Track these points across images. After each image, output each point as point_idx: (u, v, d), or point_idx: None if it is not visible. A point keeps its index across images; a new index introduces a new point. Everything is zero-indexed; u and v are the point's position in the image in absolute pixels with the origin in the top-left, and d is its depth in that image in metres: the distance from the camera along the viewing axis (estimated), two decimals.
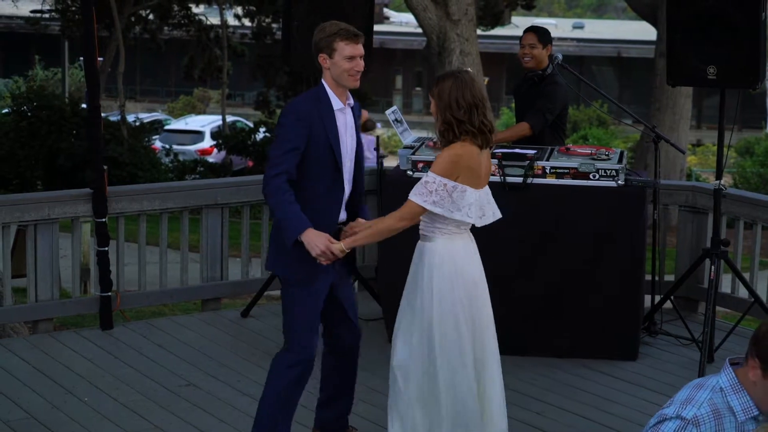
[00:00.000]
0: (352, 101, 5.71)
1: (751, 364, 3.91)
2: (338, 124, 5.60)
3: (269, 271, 8.17)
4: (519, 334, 7.61)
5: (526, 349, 7.64)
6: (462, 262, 5.34)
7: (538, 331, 7.62)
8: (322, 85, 5.63)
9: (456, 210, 5.23)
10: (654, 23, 20.79)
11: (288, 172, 5.47)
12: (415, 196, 5.23)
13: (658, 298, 8.17)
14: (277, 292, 9.06)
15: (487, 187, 5.43)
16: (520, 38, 8.35)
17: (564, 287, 7.52)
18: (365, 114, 14.92)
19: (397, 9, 57.21)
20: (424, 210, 5.23)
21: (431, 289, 5.31)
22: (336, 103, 5.61)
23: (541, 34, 8.25)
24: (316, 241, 5.38)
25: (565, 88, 8.25)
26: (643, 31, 31.68)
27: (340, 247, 5.41)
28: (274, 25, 28.69)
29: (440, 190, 5.19)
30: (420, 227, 5.38)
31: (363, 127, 15.26)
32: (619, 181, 7.44)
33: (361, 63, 5.61)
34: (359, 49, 5.59)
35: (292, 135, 5.51)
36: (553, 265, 7.51)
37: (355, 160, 5.71)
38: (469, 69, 5.34)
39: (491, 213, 5.46)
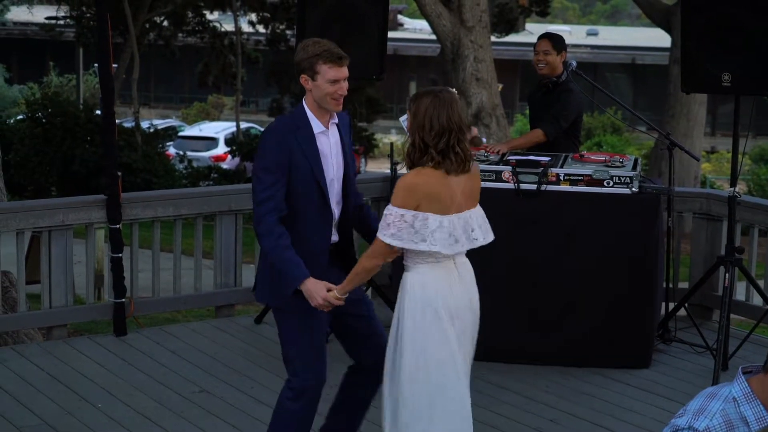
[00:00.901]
0: (336, 119, 5.47)
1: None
2: (321, 147, 5.37)
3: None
4: (533, 342, 7.60)
5: (539, 357, 7.63)
6: (436, 293, 5.04)
7: (552, 339, 7.60)
8: (302, 107, 5.41)
9: (421, 240, 4.96)
10: (668, 30, 20.76)
11: (278, 209, 5.32)
12: (379, 231, 5.03)
13: (672, 306, 8.15)
14: None
15: (470, 211, 5.11)
16: (534, 45, 8.35)
17: (578, 294, 7.51)
18: (474, 130, 15.08)
19: (411, 16, 57.27)
20: (388, 245, 5.01)
21: (404, 322, 5.10)
22: (317, 126, 5.38)
23: (556, 41, 8.25)
24: (315, 291, 5.21)
25: (580, 95, 8.23)
26: (658, 37, 31.64)
27: (334, 295, 5.22)
28: (288, 32, 28.73)
29: (397, 222, 4.95)
30: (403, 257, 5.17)
31: (471, 143, 15.45)
32: (633, 189, 7.43)
33: (345, 86, 5.37)
34: (343, 71, 5.37)
35: (274, 166, 5.32)
36: (567, 272, 7.50)
37: (345, 176, 5.47)
38: (452, 89, 5.16)
39: (467, 239, 5.08)
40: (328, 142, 5.43)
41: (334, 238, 5.50)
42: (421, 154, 4.99)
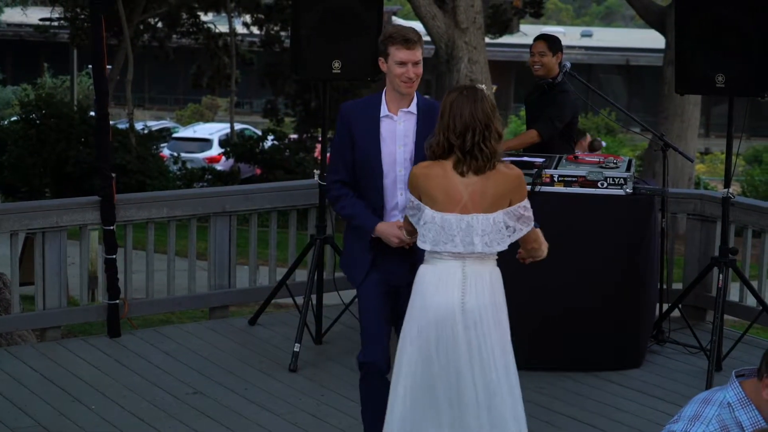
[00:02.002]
0: (413, 108, 5.58)
1: (766, 383, 3.89)
2: (382, 131, 5.55)
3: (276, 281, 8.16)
4: (526, 344, 7.59)
5: (533, 359, 7.62)
6: (432, 291, 5.03)
7: (545, 341, 7.59)
8: (383, 90, 5.65)
9: (420, 226, 5.06)
10: (662, 31, 20.77)
11: (343, 180, 5.65)
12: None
13: (666, 307, 8.16)
14: (284, 300, 9.09)
15: (477, 216, 4.98)
16: (530, 46, 8.36)
17: (572, 295, 7.51)
18: (588, 136, 15.14)
19: (406, 17, 57.25)
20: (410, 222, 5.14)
21: (407, 312, 5.15)
22: (384, 110, 5.57)
23: (551, 42, 8.26)
24: (388, 233, 5.49)
25: (575, 96, 8.24)
26: (652, 39, 31.65)
27: (402, 233, 5.42)
28: (283, 33, 28.71)
29: (411, 205, 5.09)
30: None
31: (590, 147, 15.51)
32: (628, 190, 7.43)
33: (413, 70, 5.50)
34: (412, 55, 5.50)
35: (338, 138, 5.68)
36: (561, 273, 7.49)
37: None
38: (482, 85, 5.11)
39: (462, 242, 4.97)
40: (394, 128, 5.57)
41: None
42: (443, 152, 4.99)
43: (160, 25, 29.50)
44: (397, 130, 5.58)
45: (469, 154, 4.93)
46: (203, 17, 30.25)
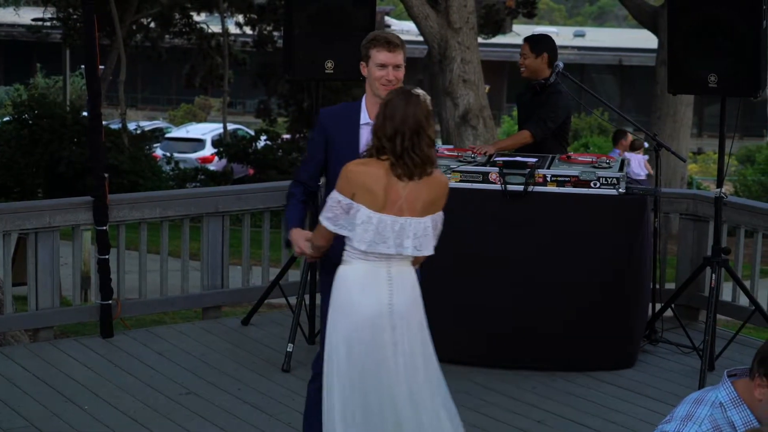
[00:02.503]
0: None
1: (758, 383, 3.89)
2: (362, 139, 5.45)
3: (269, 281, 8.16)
4: (518, 343, 7.60)
5: (526, 359, 7.63)
6: (358, 292, 5.03)
7: (538, 340, 7.60)
8: (363, 96, 5.57)
9: (352, 229, 4.98)
10: (655, 31, 20.78)
11: (304, 183, 5.63)
12: (321, 213, 5.08)
13: (658, 306, 8.17)
14: (277, 300, 9.08)
15: (411, 219, 4.97)
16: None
17: (565, 295, 7.51)
18: (629, 136, 15.16)
19: (399, 17, 57.23)
20: (327, 228, 5.03)
21: (330, 314, 5.15)
22: (364, 117, 5.50)
23: (533, 43, 8.15)
24: (296, 241, 5.37)
25: (568, 96, 8.22)
26: (644, 39, 31.67)
27: (308, 245, 5.29)
28: (276, 34, 28.71)
29: (334, 206, 4.98)
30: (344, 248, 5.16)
31: (631, 146, 15.51)
32: (620, 189, 7.43)
33: (393, 73, 5.44)
34: (393, 57, 5.44)
35: (311, 144, 5.67)
36: (554, 272, 7.50)
37: None
38: (418, 90, 5.04)
39: (395, 244, 4.97)
40: (368, 133, 5.44)
41: None
42: (376, 153, 4.97)
43: (152, 25, 29.48)
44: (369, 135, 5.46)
45: (401, 158, 4.92)
46: (196, 17, 30.24)
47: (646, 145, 15.99)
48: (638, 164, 15.77)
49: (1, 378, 7.28)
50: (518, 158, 7.79)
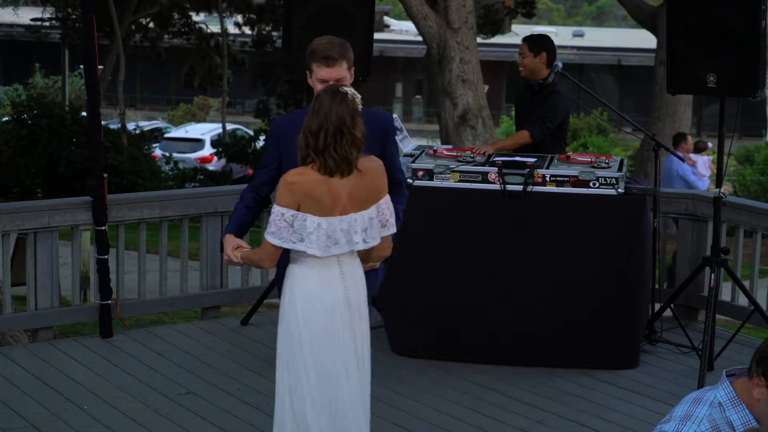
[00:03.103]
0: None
1: (756, 382, 3.89)
2: None
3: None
4: (518, 342, 7.61)
5: (526, 358, 7.63)
6: (311, 288, 5.07)
7: (538, 340, 7.60)
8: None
9: (299, 240, 4.97)
10: (654, 31, 20.80)
11: (255, 188, 5.62)
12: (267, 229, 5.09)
13: (658, 306, 8.17)
14: (277, 300, 9.05)
15: (356, 215, 5.00)
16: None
17: (564, 295, 7.51)
18: (689, 138, 15.07)
19: (398, 17, 57.21)
20: (272, 244, 5.03)
21: (281, 313, 5.22)
22: None
23: (532, 43, 8.17)
24: (225, 245, 5.40)
25: (566, 96, 8.23)
26: (643, 39, 31.67)
27: (235, 254, 5.32)
28: (275, 34, 28.71)
29: (278, 220, 4.98)
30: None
31: (695, 148, 15.43)
32: (619, 189, 7.44)
33: None
34: (331, 73, 5.35)
35: (266, 152, 5.68)
36: (553, 272, 7.51)
37: None
38: (347, 88, 5.04)
39: (347, 242, 5.02)
40: None
41: None
42: (303, 154, 4.97)
43: (151, 25, 29.46)
44: None
45: (322, 155, 4.91)
46: (195, 17, 30.23)
47: (710, 145, 15.90)
48: (704, 165, 15.68)
49: (0, 378, 7.28)
50: (517, 158, 7.79)
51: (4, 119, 25.85)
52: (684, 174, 14.50)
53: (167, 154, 26.89)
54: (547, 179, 7.49)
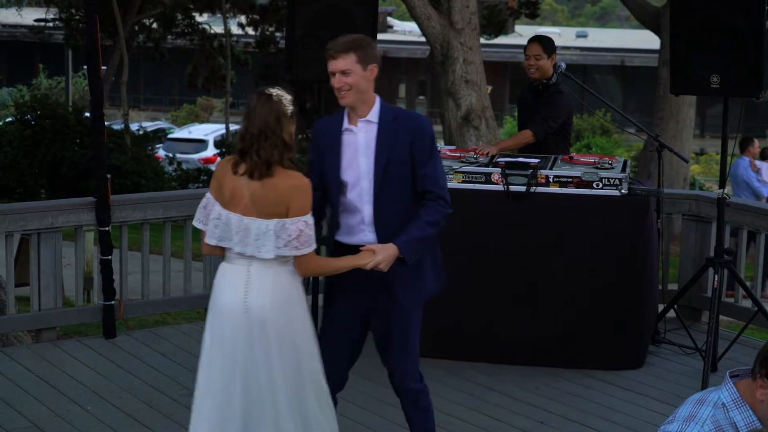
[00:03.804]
0: (373, 116, 5.42)
1: (759, 384, 3.89)
2: (344, 145, 5.43)
3: None
4: (522, 343, 7.61)
5: (529, 358, 7.63)
6: (220, 289, 5.12)
7: (541, 341, 7.60)
8: None
9: (204, 224, 5.10)
10: (657, 32, 20.77)
11: (315, 188, 5.46)
12: None
13: (661, 307, 8.17)
14: None
15: (254, 220, 4.98)
16: (524, 48, 8.34)
17: (568, 296, 7.52)
18: (756, 143, 14.98)
19: (401, 18, 57.26)
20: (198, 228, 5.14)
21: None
22: (345, 123, 5.44)
23: (546, 45, 8.24)
24: None
25: (570, 97, 8.24)
26: (647, 39, 31.66)
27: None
28: (278, 34, 28.69)
29: (202, 203, 5.13)
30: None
31: (762, 155, 15.33)
32: (623, 190, 7.44)
33: (341, 79, 5.35)
34: (335, 65, 5.36)
35: (310, 164, 5.61)
36: (557, 273, 7.51)
37: (381, 176, 5.39)
38: (274, 89, 5.06)
39: (239, 242, 5.00)
40: (355, 140, 5.44)
41: (369, 237, 5.44)
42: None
43: (155, 26, 29.46)
44: (359, 142, 5.43)
45: (243, 156, 4.97)
46: (198, 18, 30.23)
47: None
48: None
49: (4, 378, 7.29)
50: (521, 159, 7.79)
51: (7, 120, 25.89)
52: (748, 180, 14.45)
53: (170, 154, 26.90)
54: (551, 180, 7.49)
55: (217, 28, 29.91)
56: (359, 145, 5.43)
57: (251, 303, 5.01)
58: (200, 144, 32.51)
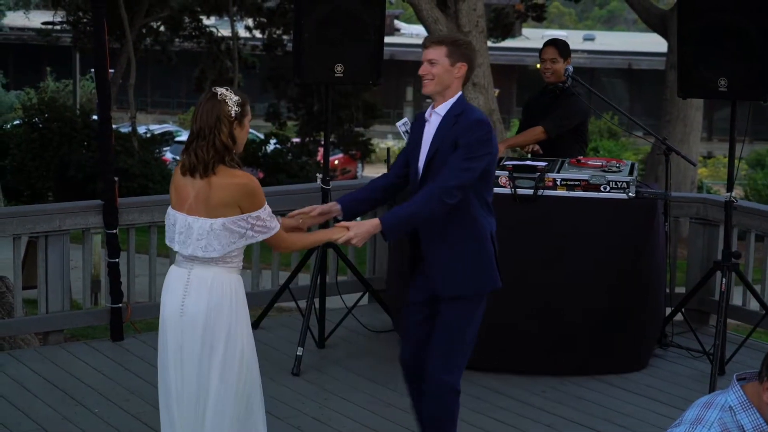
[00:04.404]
0: (442, 110, 5.57)
1: (766, 386, 3.88)
2: (424, 131, 5.61)
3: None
4: (530, 347, 7.59)
5: (536, 362, 7.62)
6: (164, 292, 5.15)
7: (548, 344, 7.59)
8: None
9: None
10: (665, 35, 20.78)
11: (394, 169, 5.82)
12: None
13: (669, 311, 8.16)
14: (287, 304, 9.08)
15: (196, 219, 4.96)
16: (539, 52, 8.34)
17: (575, 299, 7.50)
18: None
19: (408, 21, 57.29)
20: None
21: None
22: (428, 112, 5.64)
23: (561, 48, 8.26)
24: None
25: (585, 99, 8.25)
26: (654, 43, 31.68)
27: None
28: (285, 37, 28.73)
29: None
30: None
31: None
32: (630, 194, 7.43)
33: (426, 68, 5.58)
34: (425, 53, 5.59)
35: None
36: (564, 276, 7.50)
37: (426, 167, 5.55)
38: (222, 89, 5.06)
39: (182, 242, 5.01)
40: (425, 131, 5.62)
41: None
42: None
43: (162, 29, 29.51)
44: (427, 133, 5.61)
45: (183, 154, 4.97)
46: (205, 21, 30.27)
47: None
48: None
49: (11, 381, 7.29)
50: (528, 162, 7.79)
51: (15, 123, 25.94)
52: None
53: (178, 157, 26.90)
54: (558, 183, 7.49)
55: (225, 31, 29.94)
56: (426, 136, 5.61)
57: (187, 307, 4.97)
58: None
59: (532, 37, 49.15)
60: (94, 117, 21.64)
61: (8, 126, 26.30)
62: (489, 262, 5.66)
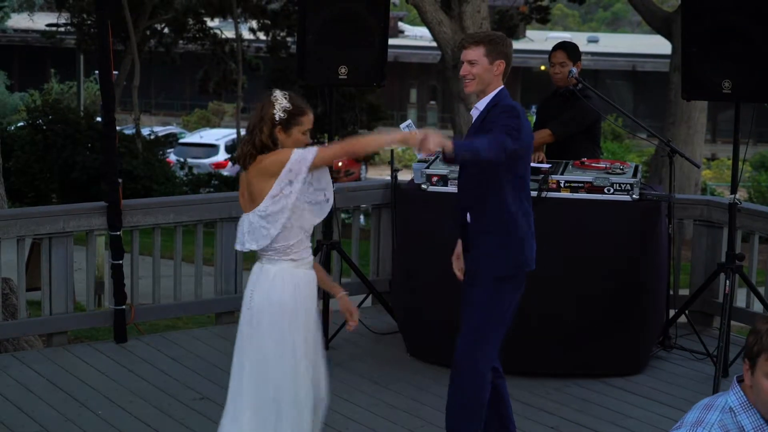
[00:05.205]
0: (482, 104, 5.78)
1: (744, 369, 3.89)
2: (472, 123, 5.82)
3: None
4: (533, 349, 7.59)
5: (539, 364, 7.62)
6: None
7: (549, 346, 7.59)
8: None
9: None
10: (669, 37, 20.76)
11: None
12: None
13: (672, 312, 8.15)
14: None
15: (245, 215, 5.19)
16: (549, 55, 8.35)
17: (578, 301, 7.50)
18: None
19: (412, 23, 57.27)
20: None
21: None
22: (473, 109, 5.84)
23: (570, 52, 8.25)
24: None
25: (597, 101, 8.25)
26: (658, 45, 31.66)
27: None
28: (289, 39, 28.75)
29: None
30: None
31: None
32: (634, 196, 7.43)
33: (466, 68, 5.74)
34: (464, 54, 5.75)
35: None
36: (568, 278, 7.49)
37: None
38: (278, 92, 5.21)
39: (239, 240, 5.21)
40: (471, 122, 5.84)
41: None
42: None
43: (166, 30, 29.55)
44: (471, 125, 5.84)
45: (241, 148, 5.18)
46: (210, 23, 30.31)
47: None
48: None
49: (15, 383, 7.30)
50: (532, 164, 7.78)
51: (19, 124, 25.96)
52: None
53: (182, 159, 26.95)
54: (562, 185, 7.48)
55: (229, 33, 29.98)
56: (470, 129, 5.83)
57: (254, 298, 5.17)
58: (211, 149, 32.57)
59: (536, 39, 49.18)
60: (98, 119, 21.68)
61: (12, 128, 26.31)
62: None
